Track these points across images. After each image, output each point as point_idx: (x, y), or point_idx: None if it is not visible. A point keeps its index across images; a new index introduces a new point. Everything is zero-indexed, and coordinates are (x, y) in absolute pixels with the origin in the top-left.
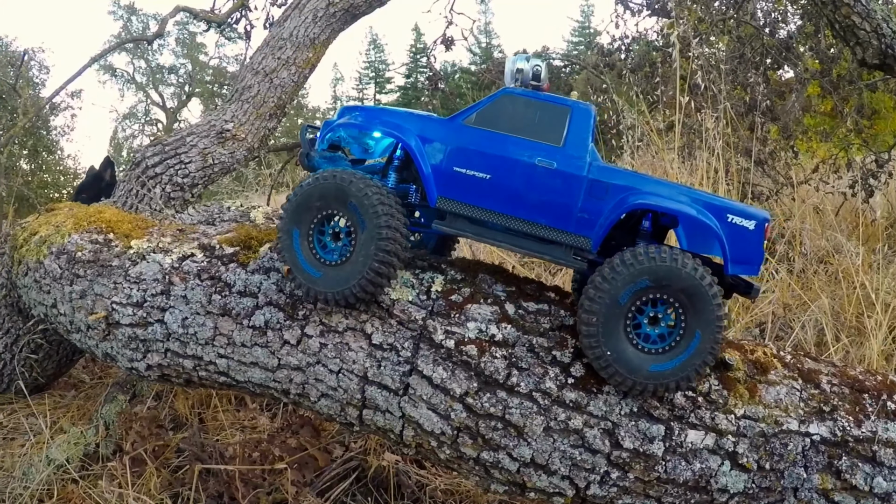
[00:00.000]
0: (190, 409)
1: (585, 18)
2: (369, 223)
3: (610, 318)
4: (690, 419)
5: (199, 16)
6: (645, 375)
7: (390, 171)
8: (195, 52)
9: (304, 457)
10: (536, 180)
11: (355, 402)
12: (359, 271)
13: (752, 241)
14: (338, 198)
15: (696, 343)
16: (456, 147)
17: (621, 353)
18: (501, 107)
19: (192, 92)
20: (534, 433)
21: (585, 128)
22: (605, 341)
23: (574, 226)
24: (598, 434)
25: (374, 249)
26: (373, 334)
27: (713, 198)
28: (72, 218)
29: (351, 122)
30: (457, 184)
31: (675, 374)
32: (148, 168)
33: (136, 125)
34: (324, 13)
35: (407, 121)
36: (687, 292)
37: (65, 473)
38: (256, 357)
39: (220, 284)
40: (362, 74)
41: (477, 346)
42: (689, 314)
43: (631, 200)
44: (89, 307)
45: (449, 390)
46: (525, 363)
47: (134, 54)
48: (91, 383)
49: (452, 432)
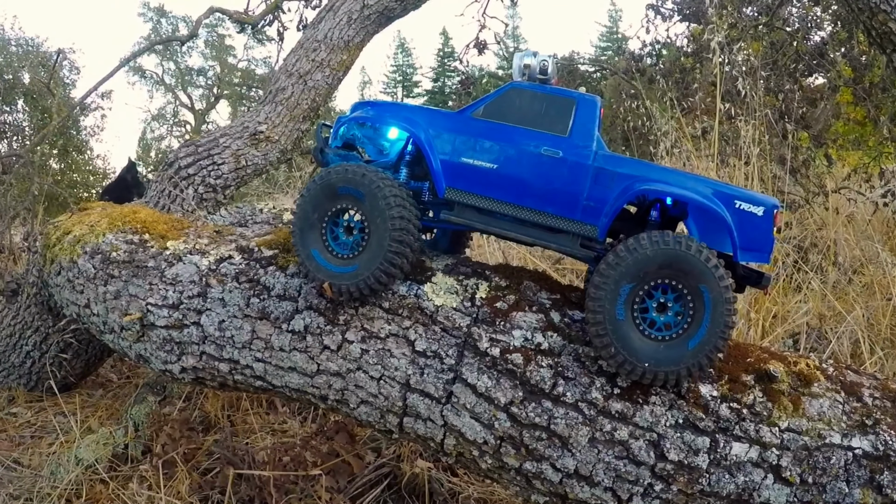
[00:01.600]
0: (220, 412)
1: (613, 23)
2: (382, 216)
3: (613, 303)
4: (735, 431)
5: (232, 17)
6: (652, 363)
7: (402, 167)
8: (224, 54)
9: (338, 463)
10: (542, 169)
11: (396, 410)
12: (372, 263)
13: (761, 228)
14: (350, 191)
15: (704, 330)
16: (464, 138)
17: (627, 340)
18: (509, 100)
19: (220, 94)
20: (578, 444)
21: (591, 118)
22: (611, 329)
23: (580, 214)
24: (644, 445)
25: (387, 242)
26: (416, 341)
27: (720, 184)
28: (106, 218)
29: (362, 116)
30: (465, 174)
31: (684, 361)
32: (181, 169)
33: (165, 126)
34: (358, 15)
35: (417, 114)
36: (693, 277)
37: (93, 474)
38: (295, 362)
39: (259, 287)
40: (390, 78)
41: (523, 355)
42: (696, 300)
43: (637, 187)
44: (123, 308)
45: (493, 399)
46: (571, 373)
47: (163, 56)
48: (119, 382)
49: (495, 442)
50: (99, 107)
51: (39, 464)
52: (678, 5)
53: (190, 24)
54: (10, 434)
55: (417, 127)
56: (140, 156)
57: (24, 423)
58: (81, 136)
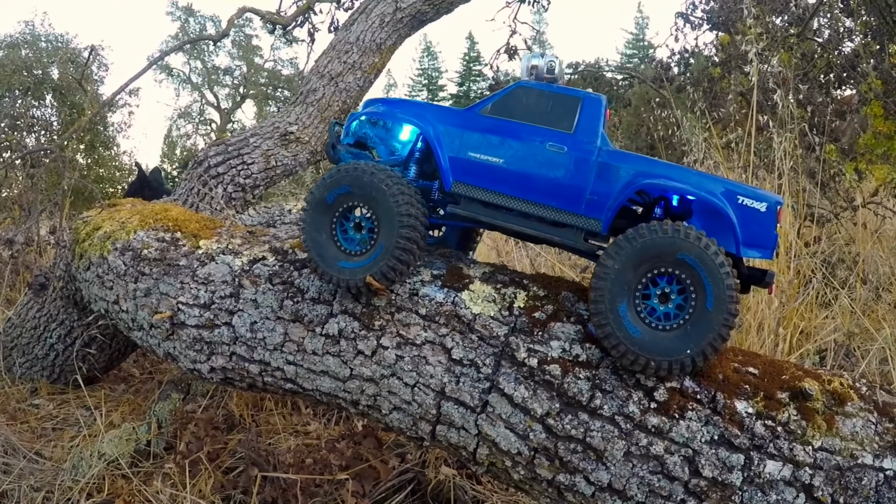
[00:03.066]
0: (244, 411)
1: (640, 31)
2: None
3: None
4: (769, 449)
5: (265, 17)
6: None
7: (411, 164)
8: (250, 54)
9: (364, 468)
10: (547, 164)
11: (429, 418)
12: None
13: (764, 224)
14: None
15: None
16: (471, 134)
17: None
18: (516, 98)
19: (246, 93)
20: (614, 457)
21: (596, 116)
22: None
23: (584, 208)
24: (679, 461)
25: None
26: (453, 349)
27: (724, 181)
28: (137, 215)
29: (374, 111)
30: (471, 169)
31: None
32: (210, 167)
33: (191, 125)
34: (391, 18)
35: (426, 110)
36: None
37: (115, 469)
38: (328, 366)
39: (293, 290)
40: (415, 81)
41: (560, 366)
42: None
43: (640, 182)
44: (154, 306)
45: (530, 410)
46: (609, 385)
47: (190, 55)
48: (141, 378)
49: (529, 453)
50: (126, 104)
51: (61, 457)
52: (707, 14)
53: (217, 24)
54: (31, 425)
55: (427, 122)
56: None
57: (46, 415)
58: (108, 132)
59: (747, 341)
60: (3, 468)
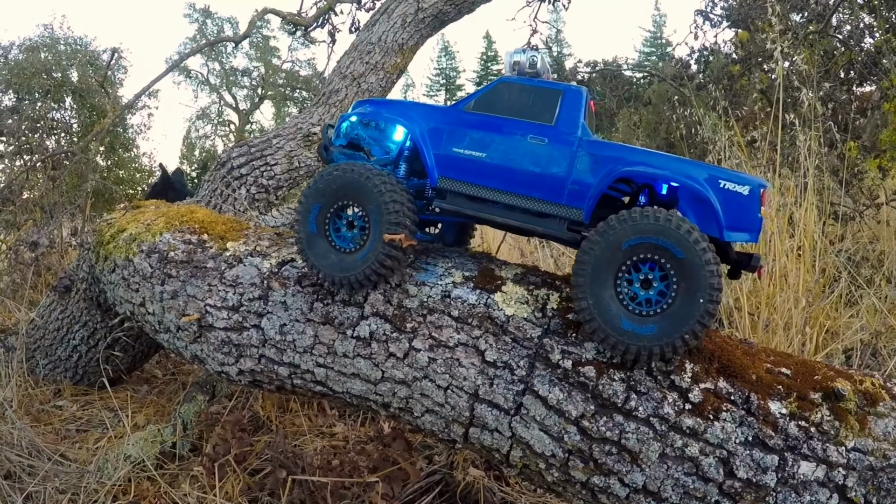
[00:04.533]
0: (269, 412)
1: (657, 28)
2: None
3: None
4: (803, 450)
5: (286, 18)
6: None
7: (401, 162)
8: (268, 55)
9: (394, 470)
10: (529, 156)
11: (462, 420)
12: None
13: (747, 208)
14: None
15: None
16: (455, 130)
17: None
18: (498, 93)
19: (264, 95)
20: (649, 459)
21: (577, 107)
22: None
23: (566, 198)
24: (713, 462)
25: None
26: (486, 351)
27: (705, 166)
28: (162, 217)
29: (362, 112)
30: (456, 164)
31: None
32: (233, 168)
33: (209, 126)
34: (413, 19)
35: (411, 109)
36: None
37: (140, 471)
38: (358, 368)
39: (323, 292)
40: (433, 81)
41: (595, 368)
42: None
43: (619, 170)
44: (181, 308)
45: (564, 412)
46: (643, 387)
47: (208, 56)
48: (164, 379)
49: (563, 455)
50: (146, 105)
51: (86, 458)
52: (727, 11)
53: (234, 26)
54: (55, 427)
55: (412, 121)
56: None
57: (70, 416)
58: (128, 133)
59: (774, 340)
60: (27, 470)
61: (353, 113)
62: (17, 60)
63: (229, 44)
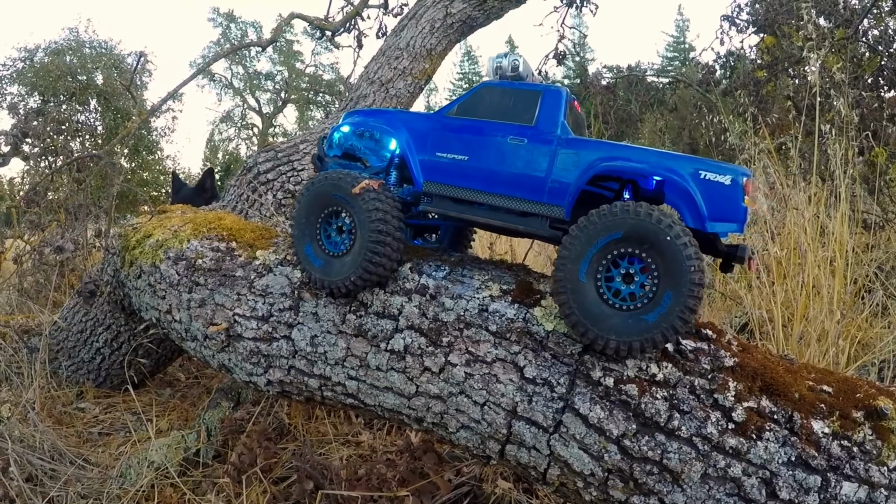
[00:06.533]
0: (295, 420)
1: (680, 33)
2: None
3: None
4: (846, 470)
5: (313, 23)
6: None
7: (391, 170)
8: (292, 59)
9: (424, 484)
10: (510, 157)
11: (499, 437)
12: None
13: (730, 198)
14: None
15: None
16: (438, 135)
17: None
18: (480, 98)
19: (287, 98)
20: (691, 480)
21: (556, 107)
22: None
23: (547, 196)
24: (756, 483)
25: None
26: (525, 367)
27: (686, 157)
28: (189, 223)
29: (350, 122)
30: (440, 167)
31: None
32: (260, 174)
33: (233, 129)
34: (441, 24)
35: (396, 117)
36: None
37: (163, 477)
38: (392, 382)
39: (356, 303)
40: (456, 85)
41: (637, 386)
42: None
43: (598, 166)
44: (209, 317)
45: (605, 431)
46: (686, 406)
47: (232, 60)
48: (187, 382)
49: (603, 474)
50: (170, 108)
51: (108, 463)
52: (753, 17)
53: (258, 30)
54: (78, 430)
55: (398, 129)
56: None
57: (92, 419)
58: (152, 136)
59: (807, 353)
60: (50, 474)
61: (343, 123)
62: (42, 63)
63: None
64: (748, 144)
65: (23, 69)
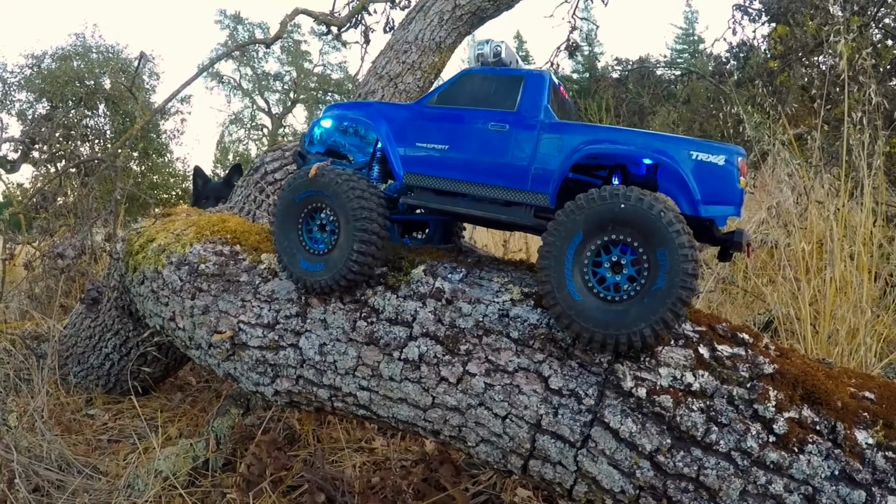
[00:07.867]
0: (306, 426)
1: (689, 25)
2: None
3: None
4: (891, 484)
5: (318, 19)
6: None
7: (374, 164)
8: (299, 59)
9: (442, 497)
10: (491, 144)
11: (522, 452)
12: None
13: (724, 179)
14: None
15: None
16: (418, 125)
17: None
18: (461, 85)
19: (296, 98)
20: (728, 497)
21: (539, 92)
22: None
23: (531, 183)
24: (798, 500)
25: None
26: (550, 377)
27: (675, 138)
28: (192, 226)
29: (330, 116)
30: (420, 158)
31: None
32: (267, 174)
33: (242, 130)
34: (450, 16)
35: (375, 108)
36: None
37: (172, 488)
38: (406, 393)
39: (367, 310)
40: None
41: (672, 397)
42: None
43: (583, 149)
44: (213, 324)
45: (637, 446)
46: (725, 418)
47: (240, 61)
48: (197, 386)
49: (634, 492)
50: (179, 111)
51: (116, 472)
52: (765, 6)
53: (265, 31)
54: (87, 437)
55: (376, 121)
56: (218, 158)
57: (101, 426)
58: (161, 139)
59: (835, 351)
60: (57, 484)
61: (324, 118)
62: (50, 70)
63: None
64: (766, 135)
65: (31, 76)
